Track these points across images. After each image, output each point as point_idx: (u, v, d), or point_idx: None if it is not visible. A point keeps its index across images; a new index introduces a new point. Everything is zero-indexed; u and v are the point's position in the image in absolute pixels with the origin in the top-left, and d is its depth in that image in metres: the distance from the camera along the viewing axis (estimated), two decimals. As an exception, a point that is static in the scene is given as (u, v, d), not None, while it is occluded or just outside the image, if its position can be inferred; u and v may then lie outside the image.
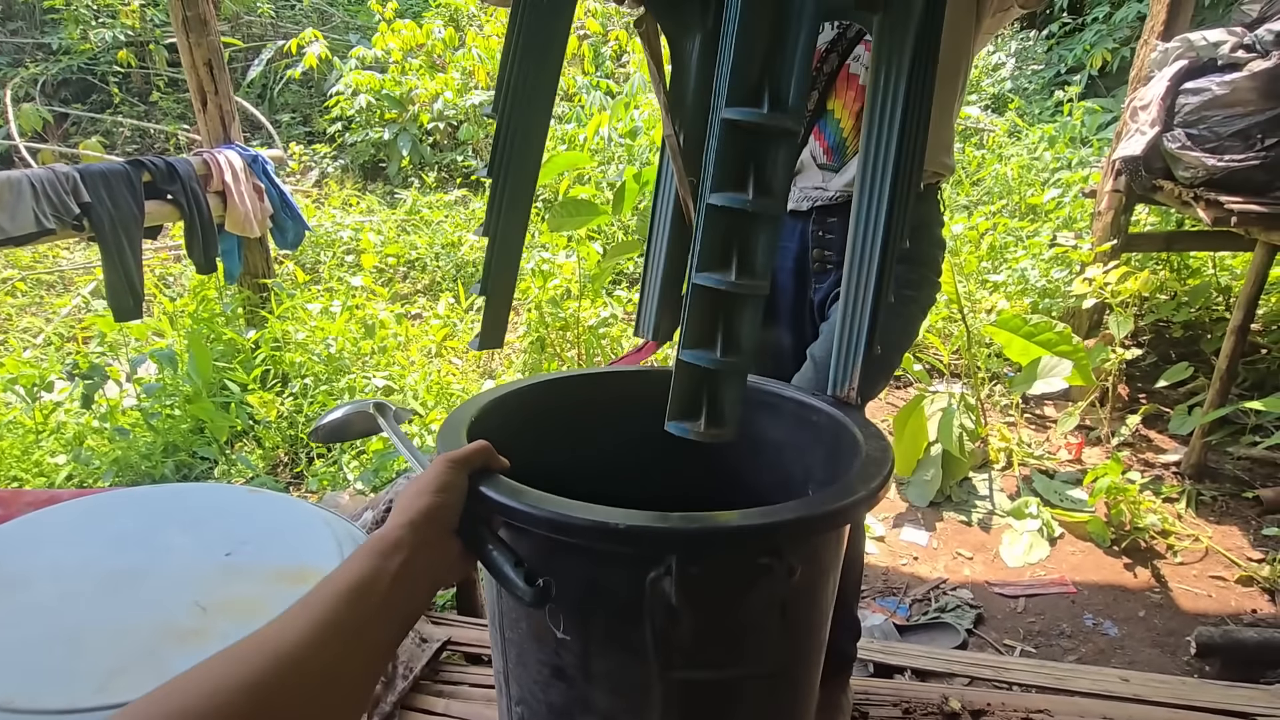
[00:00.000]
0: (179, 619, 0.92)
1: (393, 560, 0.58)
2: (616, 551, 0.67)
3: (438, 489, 0.65)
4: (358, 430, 1.02)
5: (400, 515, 0.62)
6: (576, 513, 0.66)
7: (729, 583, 0.69)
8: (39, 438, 2.53)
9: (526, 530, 0.69)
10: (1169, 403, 2.97)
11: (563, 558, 0.70)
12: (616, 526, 0.63)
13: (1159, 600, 2.06)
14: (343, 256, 4.23)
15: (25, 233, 2.19)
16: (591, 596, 0.70)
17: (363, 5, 6.99)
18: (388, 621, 0.57)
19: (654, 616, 0.66)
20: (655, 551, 0.65)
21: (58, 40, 6.54)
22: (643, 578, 0.65)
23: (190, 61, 3.05)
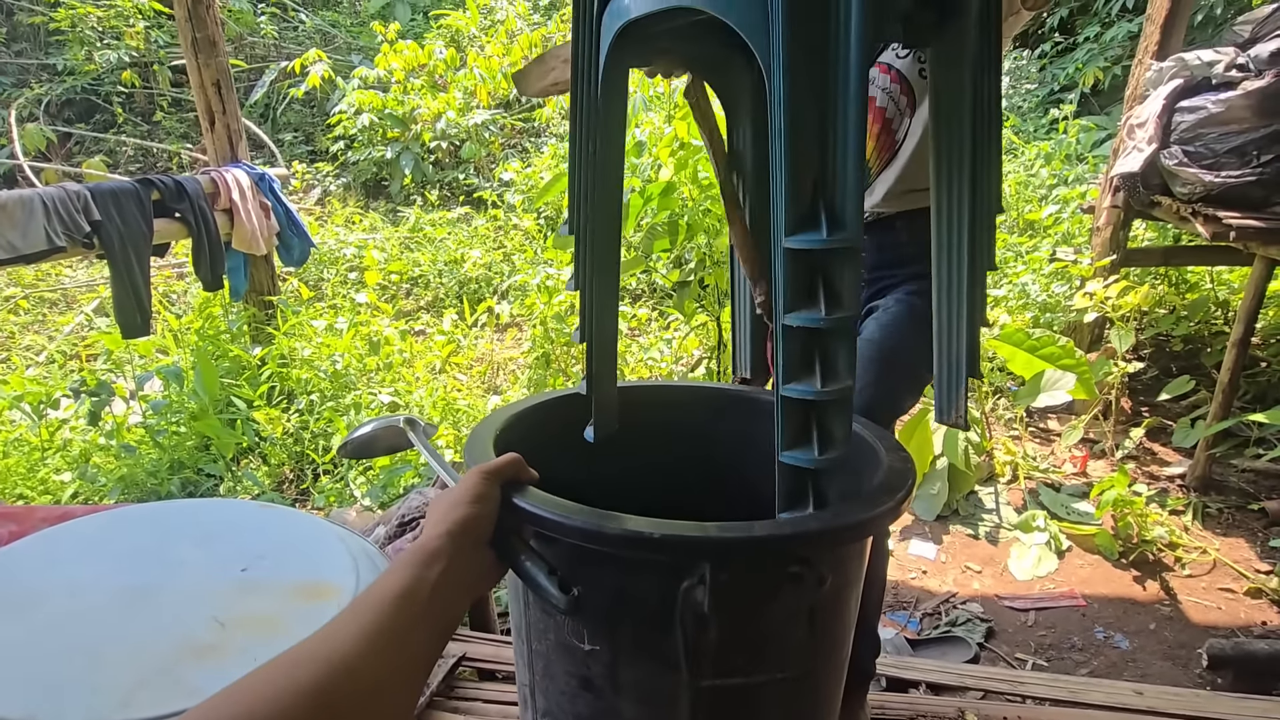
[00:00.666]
0: (197, 634, 0.92)
1: (432, 569, 0.60)
2: (649, 560, 0.68)
3: (472, 500, 0.66)
4: (384, 446, 1.02)
5: (437, 526, 0.64)
6: (609, 522, 0.66)
7: (760, 591, 0.69)
8: (45, 455, 2.52)
9: (558, 540, 0.70)
10: (1172, 416, 2.98)
11: (594, 567, 0.71)
12: (650, 535, 0.64)
13: (1169, 613, 2.06)
14: (346, 274, 4.25)
15: (36, 250, 2.20)
16: (622, 606, 0.71)
17: (365, 27, 7.09)
18: (430, 629, 0.58)
19: (685, 625, 0.66)
20: (689, 560, 0.65)
21: (62, 61, 6.60)
22: (675, 586, 0.65)
23: (199, 82, 3.08)
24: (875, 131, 1.23)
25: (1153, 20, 2.76)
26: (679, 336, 3.32)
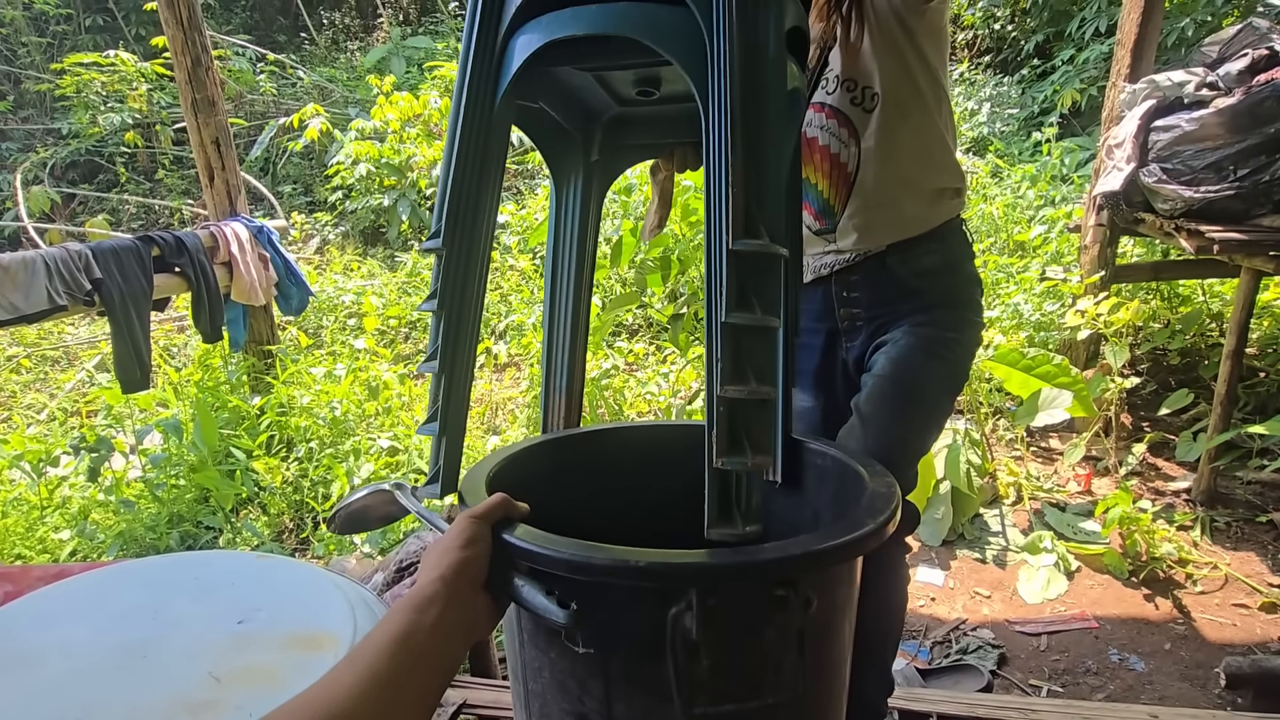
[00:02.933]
0: (193, 691, 0.91)
1: (428, 614, 0.61)
2: (637, 588, 0.69)
3: (464, 544, 0.67)
4: (378, 516, 1.02)
5: (431, 571, 0.65)
6: (596, 552, 0.68)
7: (747, 615, 0.70)
8: (44, 514, 2.51)
9: (548, 574, 0.71)
10: (1173, 430, 2.97)
11: (584, 599, 0.71)
12: (637, 564, 0.65)
13: (1183, 631, 2.02)
14: (345, 321, 4.29)
15: (39, 310, 2.23)
16: (613, 637, 0.71)
17: (361, 81, 7.28)
18: (429, 672, 0.59)
19: (676, 653, 0.67)
20: (675, 586, 0.66)
21: (67, 125, 6.78)
22: (664, 614, 0.66)
23: (199, 140, 3.16)
24: (826, 170, 1.21)
25: (1123, 44, 2.84)
26: (675, 370, 3.34)
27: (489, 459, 1.01)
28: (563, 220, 1.13)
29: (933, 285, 1.18)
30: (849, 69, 1.16)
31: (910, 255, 1.19)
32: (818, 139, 1.20)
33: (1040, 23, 6.37)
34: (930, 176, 1.18)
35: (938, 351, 1.18)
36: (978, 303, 1.24)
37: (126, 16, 7.91)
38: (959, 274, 1.22)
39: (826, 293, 1.27)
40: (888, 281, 1.21)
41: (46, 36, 7.71)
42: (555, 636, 0.73)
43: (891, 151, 1.17)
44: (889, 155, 1.17)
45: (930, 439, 1.23)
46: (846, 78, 1.16)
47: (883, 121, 1.15)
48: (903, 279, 1.20)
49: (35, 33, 7.65)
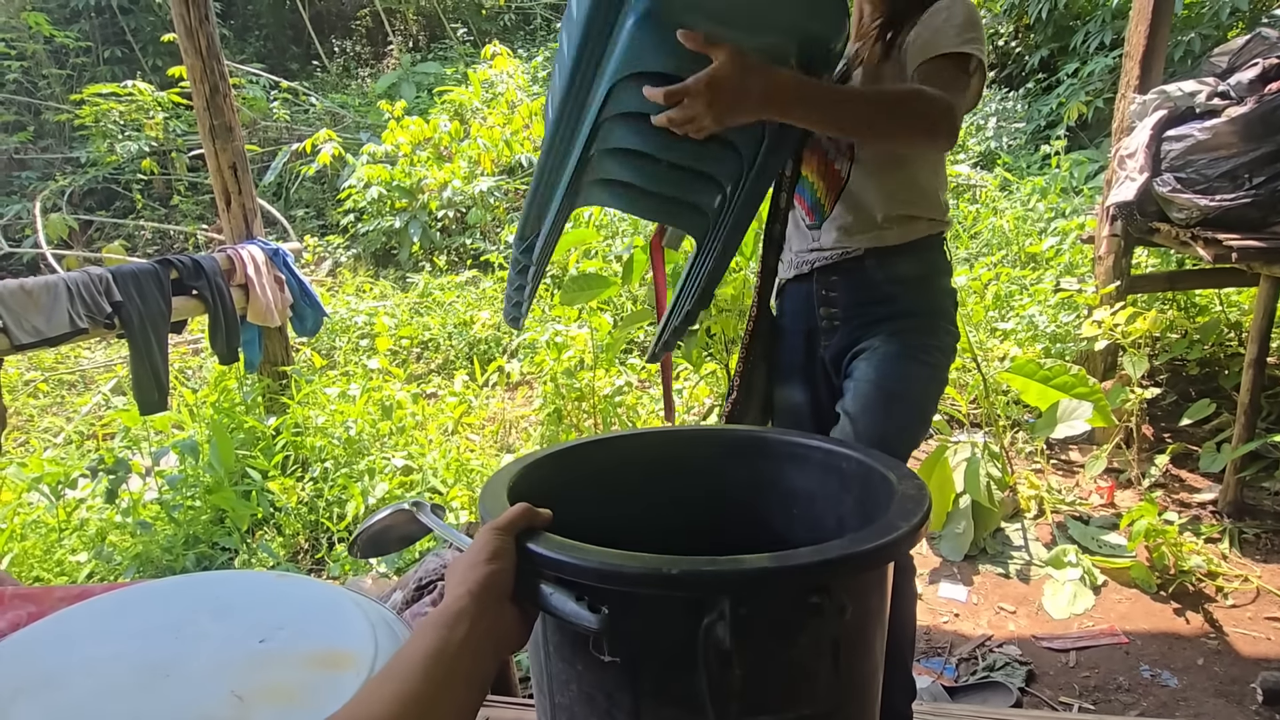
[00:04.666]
0: (216, 710, 0.90)
1: (457, 630, 0.60)
2: (669, 597, 0.67)
3: (489, 558, 0.66)
4: (399, 536, 1.01)
5: (458, 587, 0.64)
6: (627, 561, 0.66)
7: (781, 624, 0.68)
8: (61, 536, 2.52)
9: (576, 583, 0.69)
10: (1195, 441, 2.93)
11: (612, 607, 0.69)
12: (669, 572, 0.64)
13: (1216, 646, 1.97)
14: (358, 341, 4.32)
15: (60, 333, 2.26)
16: (643, 648, 0.70)
17: (373, 106, 7.40)
18: (463, 689, 0.58)
19: (709, 664, 0.65)
20: (708, 595, 0.65)
21: (85, 154, 6.91)
22: (696, 623, 0.64)
23: (216, 166, 3.21)
24: (822, 171, 1.28)
25: (1131, 56, 2.84)
26: (689, 385, 3.33)
27: (507, 468, 1.00)
28: None
29: (908, 293, 1.24)
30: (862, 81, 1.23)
31: (887, 261, 1.25)
32: (820, 142, 1.27)
33: (1044, 38, 6.41)
34: (913, 206, 1.25)
35: (919, 356, 1.23)
36: (952, 316, 1.29)
37: (144, 48, 8.10)
38: (934, 285, 1.27)
39: (809, 290, 1.33)
40: (865, 284, 1.27)
41: (66, 69, 7.90)
42: (582, 648, 0.71)
43: (880, 175, 1.23)
44: (877, 176, 1.24)
45: (920, 437, 1.30)
46: None
47: (874, 153, 1.23)
48: (879, 283, 1.25)
49: (55, 65, 7.84)
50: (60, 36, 7.53)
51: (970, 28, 1.14)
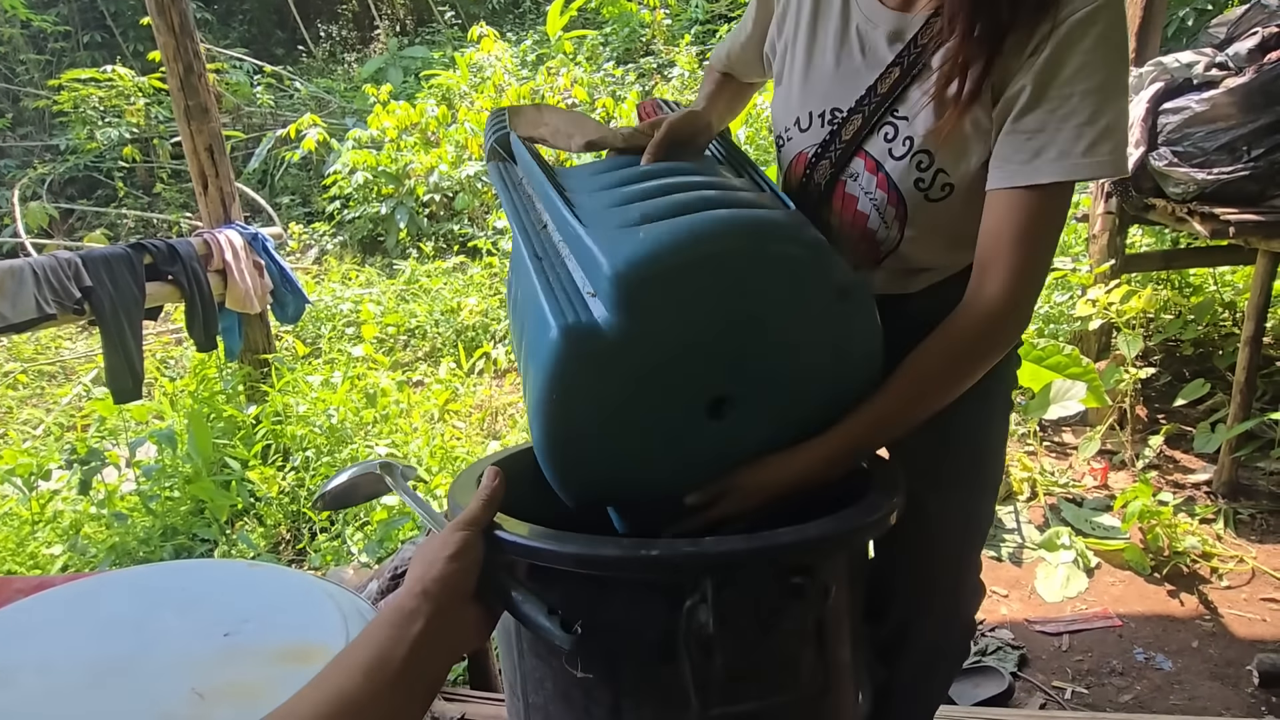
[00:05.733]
0: (175, 709, 0.86)
1: (409, 630, 0.56)
2: (649, 581, 0.64)
3: (451, 554, 0.62)
4: (364, 494, 0.98)
5: (414, 584, 0.60)
6: (605, 545, 0.63)
7: (764, 606, 0.65)
8: (35, 528, 2.46)
9: (552, 571, 0.66)
10: (1190, 421, 2.90)
11: (591, 597, 0.67)
12: (649, 554, 0.61)
13: (1211, 628, 1.95)
14: (343, 329, 4.25)
15: (26, 319, 2.19)
16: (622, 637, 0.66)
17: (358, 91, 7.28)
18: (405, 694, 0.54)
19: (690, 651, 0.62)
20: (689, 577, 0.62)
21: (65, 141, 6.78)
22: (678, 607, 0.61)
23: (192, 148, 3.13)
24: (855, 236, 0.91)
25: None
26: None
27: (478, 463, 0.97)
28: None
29: None
30: (932, 138, 0.81)
31: (943, 290, 0.90)
32: (857, 201, 0.89)
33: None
34: None
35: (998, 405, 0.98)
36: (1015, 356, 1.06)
37: (124, 32, 7.93)
38: None
39: None
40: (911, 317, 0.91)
41: (45, 54, 7.73)
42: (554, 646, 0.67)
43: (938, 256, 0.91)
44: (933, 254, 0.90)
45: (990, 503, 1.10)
46: (923, 148, 0.82)
47: (944, 223, 0.86)
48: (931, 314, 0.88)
49: (34, 50, 7.67)
50: (38, 20, 7.36)
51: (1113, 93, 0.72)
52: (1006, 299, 0.76)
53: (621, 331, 0.65)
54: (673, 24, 6.91)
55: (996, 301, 0.76)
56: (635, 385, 0.68)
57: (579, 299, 0.68)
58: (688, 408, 0.72)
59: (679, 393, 0.71)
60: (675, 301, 0.66)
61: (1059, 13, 0.72)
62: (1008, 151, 0.76)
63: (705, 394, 0.72)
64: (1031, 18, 0.73)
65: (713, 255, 0.66)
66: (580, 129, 0.97)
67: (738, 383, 0.72)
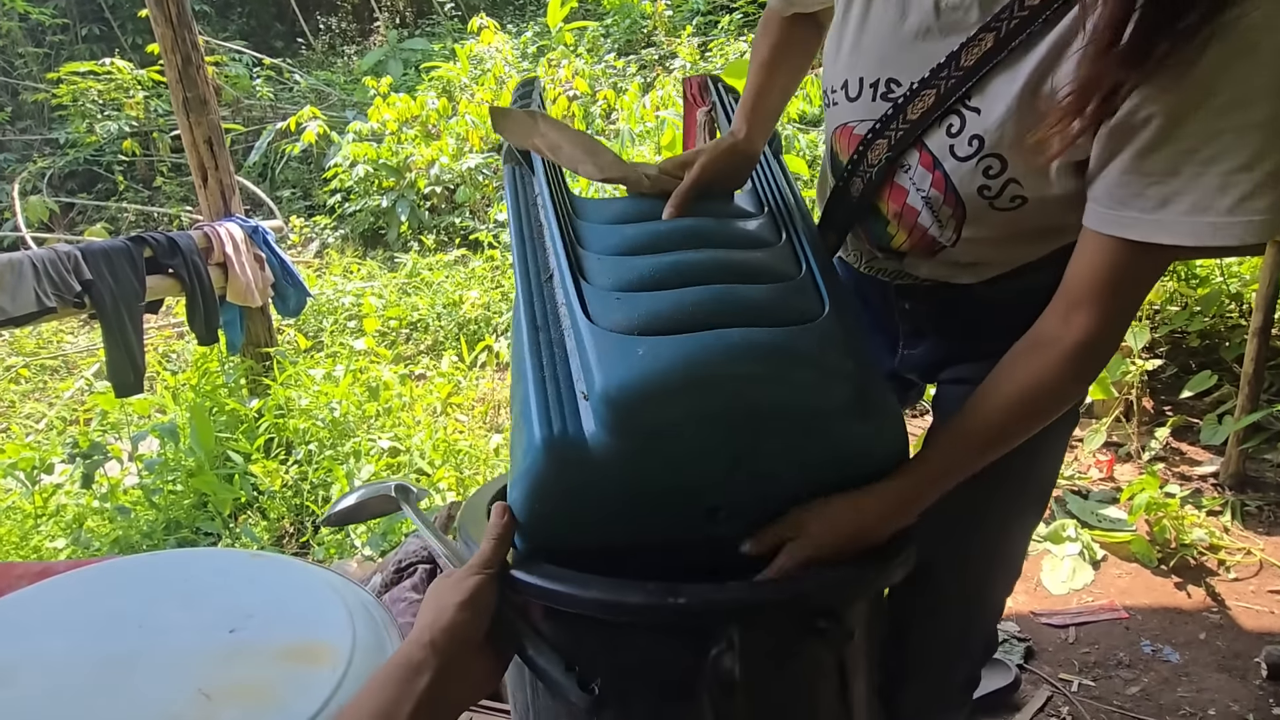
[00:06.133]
0: (181, 710, 0.84)
1: (415, 685, 0.54)
2: (674, 627, 0.61)
3: (464, 602, 0.59)
4: (370, 511, 0.97)
5: (423, 632, 0.58)
6: (630, 591, 0.59)
7: (788, 649, 0.63)
8: (38, 522, 2.46)
9: (570, 615, 0.62)
10: (1196, 413, 2.89)
11: (609, 640, 0.64)
12: (676, 602, 0.57)
13: (1218, 620, 1.94)
14: (345, 323, 4.24)
15: (26, 313, 2.18)
16: (642, 684, 0.64)
17: (358, 83, 7.24)
18: None
19: (712, 693, 0.59)
20: (718, 624, 0.59)
21: (65, 135, 6.75)
22: (700, 651, 0.59)
23: (191, 140, 3.11)
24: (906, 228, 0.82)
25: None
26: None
27: (489, 486, 0.94)
28: None
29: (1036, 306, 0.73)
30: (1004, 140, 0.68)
31: (1009, 280, 0.83)
32: (907, 195, 0.79)
33: None
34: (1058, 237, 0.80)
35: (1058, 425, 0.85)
36: None
37: (123, 25, 7.89)
38: None
39: (877, 289, 0.94)
40: (969, 303, 0.86)
41: (43, 47, 7.70)
42: None
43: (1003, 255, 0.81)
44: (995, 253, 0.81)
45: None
46: (994, 152, 0.69)
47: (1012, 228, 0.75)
48: (992, 300, 0.84)
49: (32, 43, 7.63)
50: (36, 13, 7.32)
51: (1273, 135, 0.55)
52: (1103, 332, 0.66)
53: (610, 450, 0.60)
54: (674, 15, 6.86)
55: (1093, 335, 0.66)
56: (620, 500, 0.63)
57: (570, 397, 0.64)
58: (678, 516, 0.66)
59: (669, 505, 0.65)
60: (671, 429, 0.61)
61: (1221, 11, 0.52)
62: (1123, 193, 0.60)
63: (699, 505, 0.66)
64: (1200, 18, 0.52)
65: (715, 387, 0.61)
66: (593, 156, 0.86)
67: (737, 497, 0.66)
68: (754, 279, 0.71)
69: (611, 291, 0.68)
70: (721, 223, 0.80)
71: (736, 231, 0.80)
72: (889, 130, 0.75)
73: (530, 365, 0.66)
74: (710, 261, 0.72)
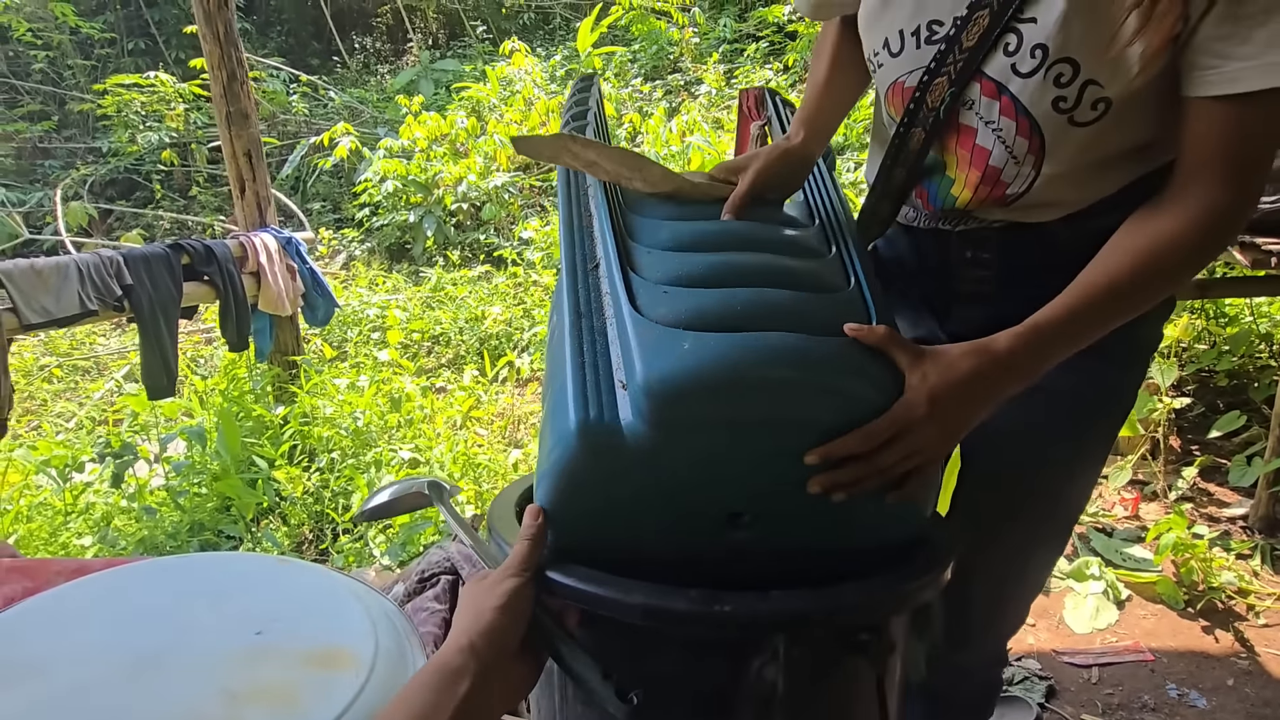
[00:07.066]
0: (207, 708, 0.86)
1: (455, 691, 0.54)
2: (718, 638, 0.60)
3: (502, 606, 0.59)
4: (404, 507, 0.98)
5: (461, 636, 0.57)
6: (674, 597, 0.58)
7: (831, 663, 0.63)
8: (67, 519, 2.51)
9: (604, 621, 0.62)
10: (1224, 454, 2.84)
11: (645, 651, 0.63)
12: (722, 610, 0.56)
13: (1247, 666, 1.89)
14: (369, 334, 4.30)
15: (69, 314, 2.25)
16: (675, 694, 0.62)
17: (390, 101, 7.42)
18: None
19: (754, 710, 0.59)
20: (761, 634, 0.58)
21: (107, 144, 6.98)
22: (739, 661, 0.58)
23: (231, 152, 3.21)
24: (974, 179, 0.78)
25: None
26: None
27: (514, 485, 0.94)
28: None
29: None
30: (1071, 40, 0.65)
31: (1085, 216, 0.77)
32: (976, 134, 0.74)
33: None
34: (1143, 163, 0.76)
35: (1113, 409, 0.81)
36: None
37: (167, 40, 8.17)
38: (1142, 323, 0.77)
39: (935, 242, 0.87)
40: (1043, 247, 0.80)
41: (91, 59, 7.99)
42: None
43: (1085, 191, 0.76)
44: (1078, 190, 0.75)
45: None
46: (1063, 55, 0.66)
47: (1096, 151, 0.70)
48: (1069, 242, 0.77)
49: (80, 55, 7.93)
50: (86, 27, 7.61)
51: None
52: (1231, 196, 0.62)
53: (644, 441, 0.60)
54: (700, 43, 6.97)
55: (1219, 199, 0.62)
56: (647, 496, 0.63)
57: (609, 386, 0.63)
58: (700, 520, 0.65)
59: (694, 507, 0.65)
60: (708, 426, 0.60)
61: None
62: (1223, 47, 0.58)
63: (723, 509, 0.65)
64: None
65: (756, 389, 0.60)
66: (639, 171, 0.83)
67: (762, 504, 0.65)
68: (803, 287, 0.70)
69: (659, 284, 0.67)
70: (773, 228, 0.79)
71: (787, 239, 0.80)
72: (946, 66, 0.71)
73: (570, 350, 0.65)
74: (761, 264, 0.70)
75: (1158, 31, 0.59)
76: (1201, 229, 0.64)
